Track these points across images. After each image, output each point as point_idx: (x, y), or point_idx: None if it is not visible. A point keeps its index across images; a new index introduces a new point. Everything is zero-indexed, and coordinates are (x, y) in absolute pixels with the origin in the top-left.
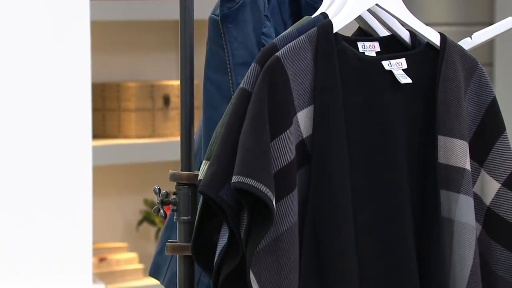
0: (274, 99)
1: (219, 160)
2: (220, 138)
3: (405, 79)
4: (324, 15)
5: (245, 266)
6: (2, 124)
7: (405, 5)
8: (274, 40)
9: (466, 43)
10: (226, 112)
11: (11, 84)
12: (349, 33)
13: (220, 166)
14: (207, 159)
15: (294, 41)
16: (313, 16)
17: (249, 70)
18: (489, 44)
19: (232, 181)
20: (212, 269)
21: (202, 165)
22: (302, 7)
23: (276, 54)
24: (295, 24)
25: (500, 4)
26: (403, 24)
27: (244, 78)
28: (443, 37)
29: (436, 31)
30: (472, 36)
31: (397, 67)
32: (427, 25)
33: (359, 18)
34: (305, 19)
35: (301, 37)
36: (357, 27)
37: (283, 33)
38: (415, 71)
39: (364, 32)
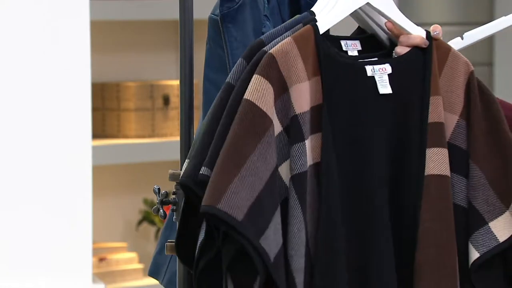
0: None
1: (200, 152)
2: (203, 132)
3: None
4: (311, 13)
5: (220, 260)
6: (1, 124)
7: (406, 5)
8: (261, 36)
9: (457, 43)
10: (210, 108)
11: (11, 84)
12: (348, 32)
13: (201, 159)
14: (189, 158)
15: (279, 38)
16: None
17: (235, 65)
18: (489, 44)
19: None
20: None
21: (185, 163)
22: (302, 7)
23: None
24: (285, 23)
25: (500, 4)
26: (394, 22)
27: (231, 73)
28: (429, 37)
29: (424, 29)
30: (464, 35)
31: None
32: (426, 25)
33: (359, 18)
34: (295, 17)
35: (287, 33)
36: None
37: (271, 30)
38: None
39: (363, 31)
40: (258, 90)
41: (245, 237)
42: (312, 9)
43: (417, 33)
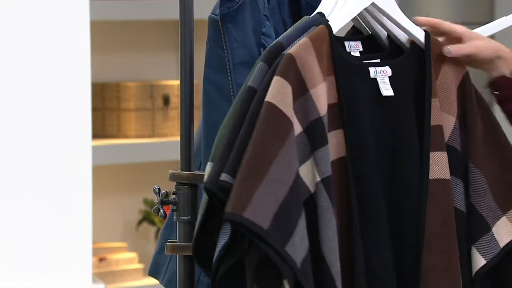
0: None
1: (223, 157)
2: (227, 137)
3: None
4: (321, 14)
5: (242, 264)
6: (2, 124)
7: (406, 5)
8: (279, 39)
9: None
10: (230, 111)
11: (11, 84)
12: (342, 33)
13: (224, 164)
14: (212, 161)
15: (297, 40)
16: (311, 16)
17: (256, 68)
18: None
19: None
20: (211, 268)
21: (207, 166)
22: (302, 7)
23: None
24: (294, 24)
25: (500, 4)
26: (394, 22)
27: (251, 76)
28: (427, 37)
29: (423, 29)
30: None
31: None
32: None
33: (356, 18)
34: (304, 19)
35: (303, 36)
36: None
37: (286, 32)
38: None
39: (357, 31)
40: (280, 93)
41: (270, 245)
42: (320, 10)
43: (417, 33)
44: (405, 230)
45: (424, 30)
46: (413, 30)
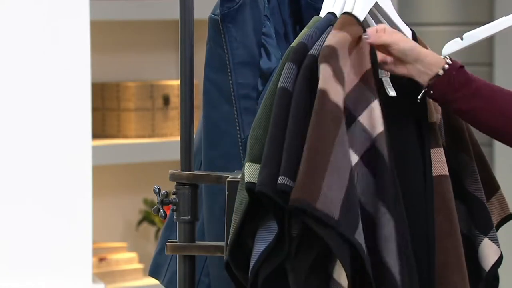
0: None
1: (271, 161)
2: (268, 139)
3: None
4: (333, 14)
5: (283, 269)
6: (2, 124)
7: (406, 5)
8: (302, 40)
9: (457, 43)
10: (262, 111)
11: (11, 84)
12: None
13: (273, 167)
14: (251, 161)
15: (319, 40)
16: (323, 16)
17: (285, 69)
18: (489, 44)
19: (279, 181)
20: (245, 270)
21: (246, 166)
22: (302, 7)
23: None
24: (308, 25)
25: (500, 4)
26: (389, 20)
27: (282, 77)
28: (414, 36)
29: (410, 28)
30: (463, 36)
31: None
32: (426, 25)
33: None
34: (316, 19)
35: (323, 36)
36: None
37: (305, 33)
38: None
39: None
40: (329, 79)
41: (340, 234)
42: (330, 10)
43: (406, 32)
44: (414, 228)
45: (411, 29)
46: (404, 29)
